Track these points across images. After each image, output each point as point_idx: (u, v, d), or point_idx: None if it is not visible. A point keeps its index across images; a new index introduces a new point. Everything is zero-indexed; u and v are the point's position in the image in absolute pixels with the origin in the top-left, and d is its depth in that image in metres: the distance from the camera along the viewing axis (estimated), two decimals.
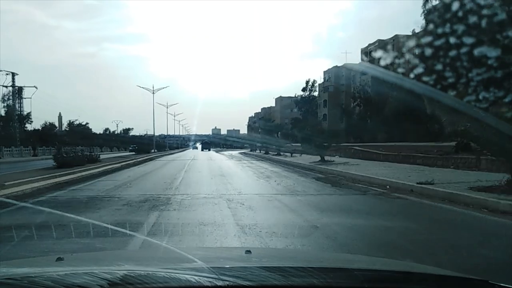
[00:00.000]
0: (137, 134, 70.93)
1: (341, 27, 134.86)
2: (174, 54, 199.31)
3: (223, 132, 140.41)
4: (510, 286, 1.38)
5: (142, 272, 1.28)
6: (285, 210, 7.99)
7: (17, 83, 49.70)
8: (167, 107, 69.06)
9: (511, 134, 8.19)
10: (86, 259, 2.08)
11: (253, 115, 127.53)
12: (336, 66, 62.90)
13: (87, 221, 5.44)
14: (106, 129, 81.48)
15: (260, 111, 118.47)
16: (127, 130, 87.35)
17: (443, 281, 1.51)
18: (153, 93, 52.02)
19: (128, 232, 5.31)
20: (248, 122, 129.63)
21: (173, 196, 9.85)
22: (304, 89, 68.91)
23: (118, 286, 1.20)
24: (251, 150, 56.58)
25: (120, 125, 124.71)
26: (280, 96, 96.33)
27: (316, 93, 68.50)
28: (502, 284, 1.40)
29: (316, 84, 68.28)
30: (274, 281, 1.27)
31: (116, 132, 79.74)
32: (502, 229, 6.21)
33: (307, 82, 68.64)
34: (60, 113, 74.53)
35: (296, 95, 72.11)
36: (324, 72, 68.12)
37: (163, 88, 66.65)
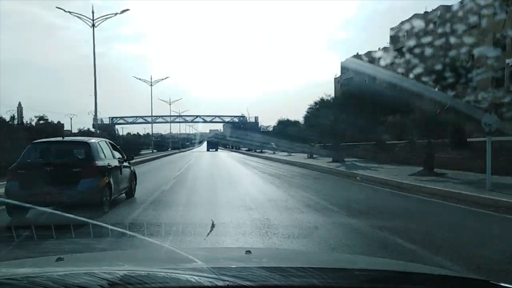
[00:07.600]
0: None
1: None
2: (186, 50, 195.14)
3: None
4: (510, 286, 1.38)
5: (142, 272, 1.28)
6: None
7: None
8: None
9: None
10: (86, 259, 2.07)
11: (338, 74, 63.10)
12: None
13: None
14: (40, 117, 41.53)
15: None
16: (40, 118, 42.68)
17: (443, 281, 1.51)
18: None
19: None
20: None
21: None
22: None
23: (118, 286, 1.19)
24: None
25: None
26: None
27: None
28: (502, 284, 1.40)
29: None
30: (274, 281, 1.27)
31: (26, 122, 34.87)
32: None
33: None
34: (20, 102, 50.50)
35: None
36: None
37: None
